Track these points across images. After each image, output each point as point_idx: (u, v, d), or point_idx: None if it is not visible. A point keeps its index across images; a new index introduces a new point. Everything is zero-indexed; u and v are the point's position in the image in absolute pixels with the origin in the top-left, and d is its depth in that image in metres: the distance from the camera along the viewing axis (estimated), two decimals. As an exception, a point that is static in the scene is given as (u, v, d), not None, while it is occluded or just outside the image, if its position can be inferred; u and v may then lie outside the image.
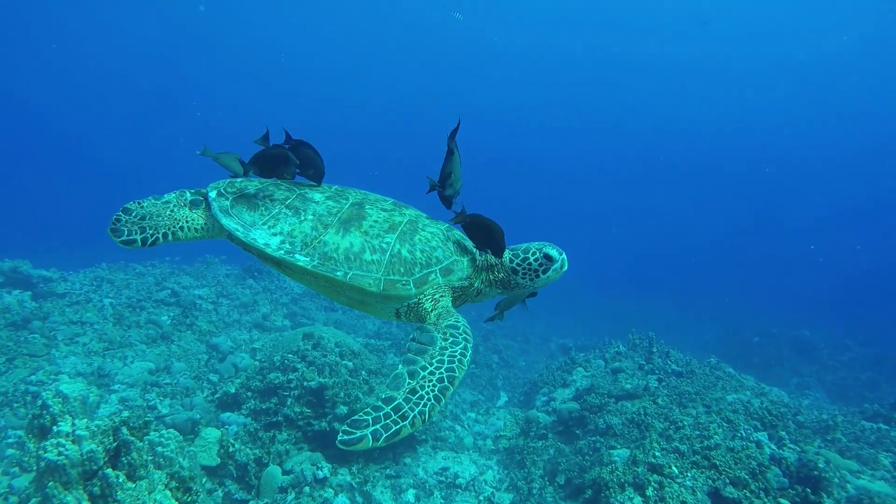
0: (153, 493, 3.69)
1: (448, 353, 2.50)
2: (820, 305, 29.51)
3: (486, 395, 13.54)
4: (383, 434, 2.12)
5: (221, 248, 16.69)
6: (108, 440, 3.63)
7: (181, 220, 2.92)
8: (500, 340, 18.04)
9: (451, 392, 2.38)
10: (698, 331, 23.63)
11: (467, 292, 2.97)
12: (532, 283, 2.96)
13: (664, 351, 10.09)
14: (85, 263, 12.93)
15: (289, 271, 2.83)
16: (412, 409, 2.24)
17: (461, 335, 2.62)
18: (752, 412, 7.47)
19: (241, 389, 7.23)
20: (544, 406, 9.06)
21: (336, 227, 2.74)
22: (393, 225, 2.81)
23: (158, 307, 10.89)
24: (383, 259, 2.68)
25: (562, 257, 2.93)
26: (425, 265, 2.73)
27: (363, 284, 2.61)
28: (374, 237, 2.73)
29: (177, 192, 3.02)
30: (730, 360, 15.00)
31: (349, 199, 2.94)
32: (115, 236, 2.79)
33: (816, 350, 18.51)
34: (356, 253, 2.67)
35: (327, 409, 6.98)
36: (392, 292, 2.65)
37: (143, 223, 2.85)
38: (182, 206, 2.97)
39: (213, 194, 2.93)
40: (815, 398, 14.63)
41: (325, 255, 2.66)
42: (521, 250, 2.96)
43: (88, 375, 7.99)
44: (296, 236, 2.72)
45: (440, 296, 2.79)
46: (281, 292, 14.49)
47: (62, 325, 9.23)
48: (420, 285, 2.70)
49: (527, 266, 2.93)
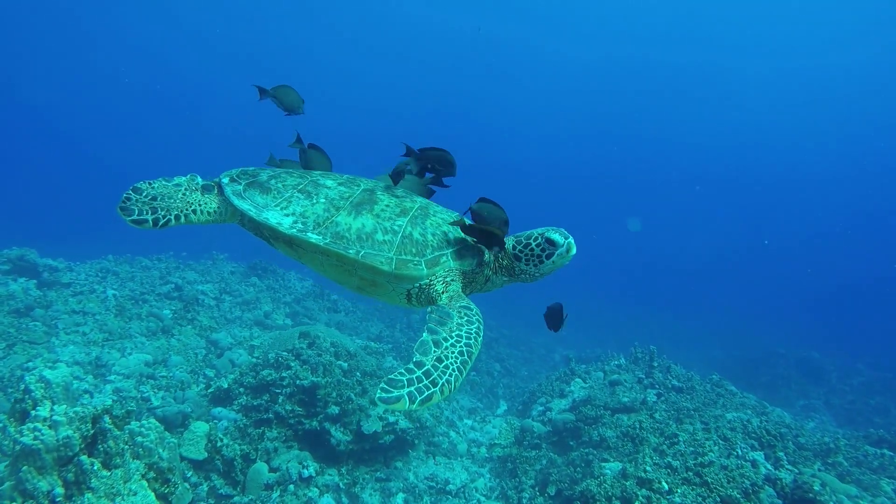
0: (129, 482, 3.67)
1: (465, 330, 2.52)
2: (831, 326, 29.07)
3: (486, 403, 13.44)
4: (418, 397, 2.16)
5: (229, 244, 16.81)
6: (85, 427, 3.62)
7: (194, 204, 2.95)
8: (503, 349, 17.95)
9: (470, 366, 2.43)
10: (707, 348, 23.33)
11: (476, 279, 2.96)
12: (537, 269, 2.88)
13: (665, 365, 9.95)
14: (93, 255, 13.05)
15: (301, 251, 2.84)
16: (440, 376, 2.28)
17: (475, 316, 2.63)
18: (750, 431, 7.33)
19: (233, 385, 7.22)
20: (540, 416, 8.96)
21: (348, 210, 2.76)
22: (404, 209, 2.83)
23: (161, 301, 10.93)
24: (395, 240, 2.69)
25: (567, 241, 2.81)
26: (437, 248, 2.74)
27: (375, 263, 2.63)
28: (385, 220, 2.75)
29: (188, 175, 3.05)
30: (736, 379, 14.80)
31: (361, 185, 2.98)
32: (124, 215, 2.78)
33: (825, 372, 18.19)
34: (368, 233, 2.69)
35: (319, 409, 6.94)
36: (404, 272, 2.66)
37: (154, 203, 2.85)
38: (194, 189, 3.00)
39: (227, 180, 2.98)
40: (820, 421, 14.37)
41: (338, 234, 2.68)
42: (524, 236, 2.90)
43: (86, 365, 8.03)
44: (308, 217, 2.75)
45: (451, 279, 2.79)
46: (284, 291, 14.53)
47: (64, 315, 9.29)
48: (431, 266, 2.70)
49: (529, 252, 2.85)
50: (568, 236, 2.82)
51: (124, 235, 21.91)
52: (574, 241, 2.83)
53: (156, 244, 15.38)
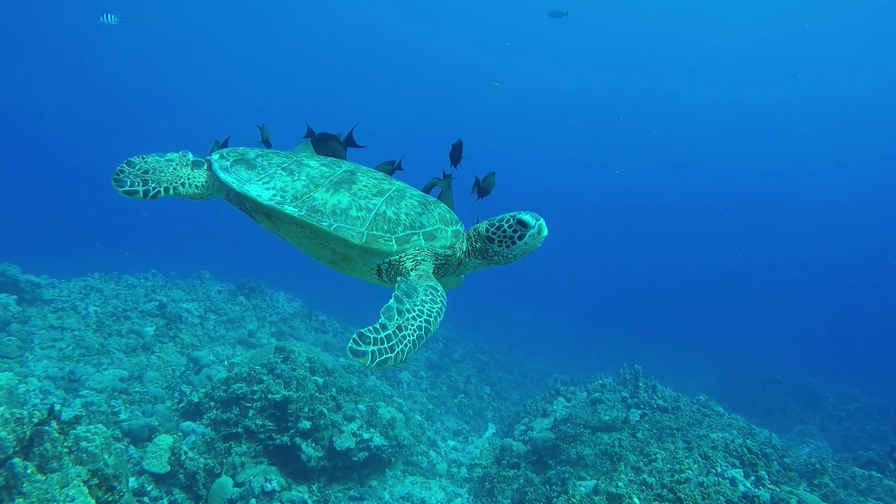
0: (66, 487, 3.55)
1: (427, 307, 2.59)
2: (828, 352, 28.76)
3: (473, 426, 13.23)
4: (378, 358, 2.28)
5: (219, 263, 16.76)
6: (21, 430, 3.52)
7: (183, 177, 3.12)
8: (495, 373, 17.74)
9: (424, 342, 2.52)
10: (704, 373, 23.08)
11: (450, 261, 3.04)
12: (509, 250, 2.93)
13: (651, 385, 9.79)
14: (80, 272, 12.99)
15: (279, 224, 2.96)
16: (397, 344, 2.38)
17: (439, 297, 2.70)
18: (731, 450, 7.15)
19: (204, 399, 7.09)
20: (521, 435, 8.78)
21: (326, 187, 2.89)
22: (381, 190, 2.94)
23: (144, 318, 10.83)
24: (368, 216, 2.80)
25: (538, 223, 2.85)
26: (408, 227, 2.83)
27: (346, 236, 2.73)
28: (362, 198, 2.86)
29: (180, 152, 3.22)
30: (732, 405, 14.56)
31: (342, 167, 3.11)
32: (117, 186, 2.94)
33: (822, 398, 17.91)
34: (343, 209, 2.80)
35: (290, 424, 6.81)
36: (374, 246, 2.75)
37: (145, 176, 3.02)
38: (184, 165, 3.17)
39: (216, 157, 3.14)
40: (815, 447, 14.10)
41: (314, 207, 2.79)
42: (496, 219, 2.97)
43: (58, 379, 7.91)
44: (287, 191, 2.88)
45: (422, 259, 2.88)
46: (271, 311, 14.43)
47: (41, 330, 9.21)
48: (402, 244, 2.79)
49: (501, 234, 2.90)
50: (539, 218, 2.86)
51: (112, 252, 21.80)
52: (545, 223, 2.88)
53: (144, 262, 15.34)
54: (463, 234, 3.05)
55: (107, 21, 9.85)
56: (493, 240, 2.92)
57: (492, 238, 2.93)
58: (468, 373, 16.19)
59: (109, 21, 9.83)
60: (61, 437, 3.61)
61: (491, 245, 2.95)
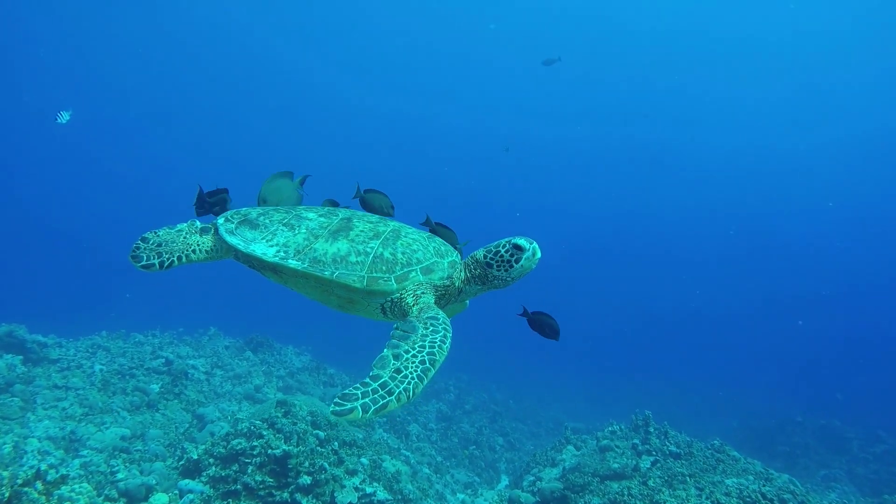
0: (49, 548, 3.50)
1: (429, 340, 2.67)
2: (849, 392, 27.87)
3: (485, 478, 12.90)
4: (372, 407, 2.27)
5: (225, 317, 16.80)
6: (2, 490, 3.49)
7: (193, 245, 3.40)
8: (508, 423, 17.42)
9: (433, 374, 2.54)
10: (724, 418, 22.43)
11: (449, 291, 3.21)
12: (507, 273, 3.09)
13: (662, 430, 9.53)
14: (89, 331, 13.07)
15: (285, 276, 3.16)
16: (397, 386, 2.40)
17: (440, 325, 2.79)
18: (745, 496, 6.90)
19: (203, 455, 6.99)
20: (530, 486, 8.54)
21: (326, 237, 3.09)
22: (377, 233, 3.14)
23: (149, 375, 10.81)
24: (367, 260, 2.98)
25: (532, 246, 3.04)
26: (406, 265, 3.00)
27: (348, 281, 2.91)
28: (359, 243, 3.05)
29: (188, 221, 3.54)
30: (753, 450, 14.10)
31: (339, 215, 3.33)
32: (135, 262, 3.22)
33: (846, 440, 17.28)
34: (343, 256, 2.99)
35: (290, 479, 6.67)
36: (375, 287, 2.92)
37: (159, 249, 3.30)
38: (193, 232, 3.46)
39: (221, 221, 3.37)
40: (842, 491, 13.56)
41: (315, 258, 2.99)
42: (493, 245, 3.15)
43: (58, 440, 7.86)
44: (290, 246, 3.08)
45: (422, 293, 3.04)
46: (279, 365, 14.37)
47: (45, 390, 9.21)
48: (401, 281, 2.96)
49: (499, 258, 3.07)
50: (532, 242, 3.06)
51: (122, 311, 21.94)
52: (538, 245, 3.07)
53: (152, 320, 15.40)
54: (460, 264, 3.24)
55: (61, 120, 9.75)
56: (492, 265, 3.09)
57: (490, 264, 3.09)
58: (480, 423, 15.88)
59: (63, 120, 9.73)
60: (43, 498, 3.57)
61: (490, 270, 3.11)
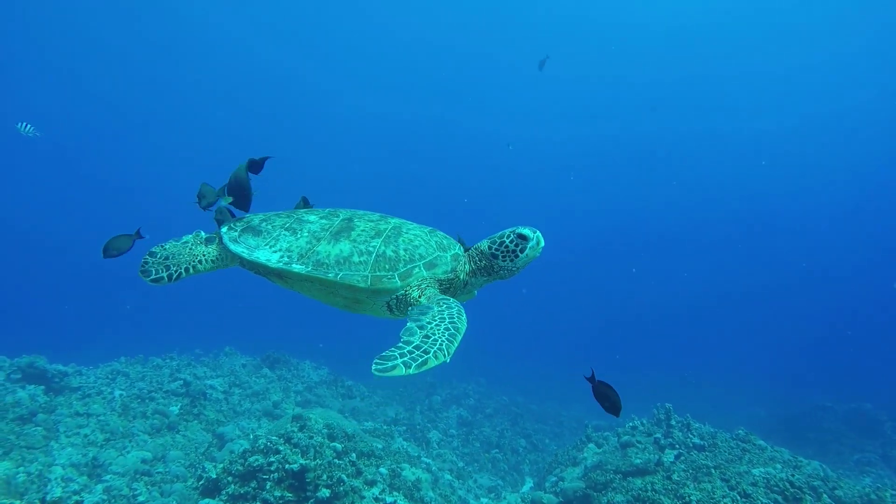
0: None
1: (447, 313, 2.73)
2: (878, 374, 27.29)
3: (509, 481, 12.79)
4: (413, 363, 2.35)
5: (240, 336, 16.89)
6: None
7: (199, 255, 3.44)
8: (529, 424, 17.29)
9: (459, 339, 2.59)
10: (750, 406, 22.09)
11: (454, 284, 3.20)
12: (513, 263, 3.09)
13: (685, 423, 9.37)
14: (107, 358, 13.21)
15: (290, 281, 3.17)
16: (431, 346, 2.47)
17: (453, 303, 2.86)
18: (772, 485, 6.74)
19: (222, 474, 6.99)
20: (553, 487, 8.44)
21: (328, 240, 3.09)
22: (379, 232, 3.13)
23: (168, 397, 10.89)
24: (370, 259, 2.98)
25: (536, 235, 3.05)
26: (409, 261, 3.00)
27: (352, 282, 2.92)
28: (361, 243, 3.05)
29: (193, 233, 3.58)
30: (783, 438, 13.81)
31: (340, 216, 3.32)
32: (144, 277, 3.28)
33: (879, 423, 16.89)
34: (346, 257, 2.99)
35: (308, 493, 6.65)
36: (379, 286, 2.93)
37: (167, 262, 3.36)
38: (198, 243, 3.51)
39: (225, 230, 3.42)
40: (877, 475, 13.23)
41: (319, 261, 2.99)
42: (497, 236, 3.14)
43: (82, 466, 7.94)
44: (293, 250, 3.09)
45: (426, 286, 3.04)
46: (297, 380, 14.42)
47: (67, 418, 9.30)
48: (405, 278, 2.96)
49: (504, 249, 3.07)
50: (536, 231, 3.07)
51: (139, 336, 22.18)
52: (542, 234, 3.09)
53: (169, 343, 15.55)
54: (464, 257, 3.22)
55: (25, 131, 9.65)
56: (497, 255, 3.09)
57: (495, 254, 3.09)
58: (502, 426, 15.79)
59: (27, 132, 9.62)
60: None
61: (496, 261, 3.11)
